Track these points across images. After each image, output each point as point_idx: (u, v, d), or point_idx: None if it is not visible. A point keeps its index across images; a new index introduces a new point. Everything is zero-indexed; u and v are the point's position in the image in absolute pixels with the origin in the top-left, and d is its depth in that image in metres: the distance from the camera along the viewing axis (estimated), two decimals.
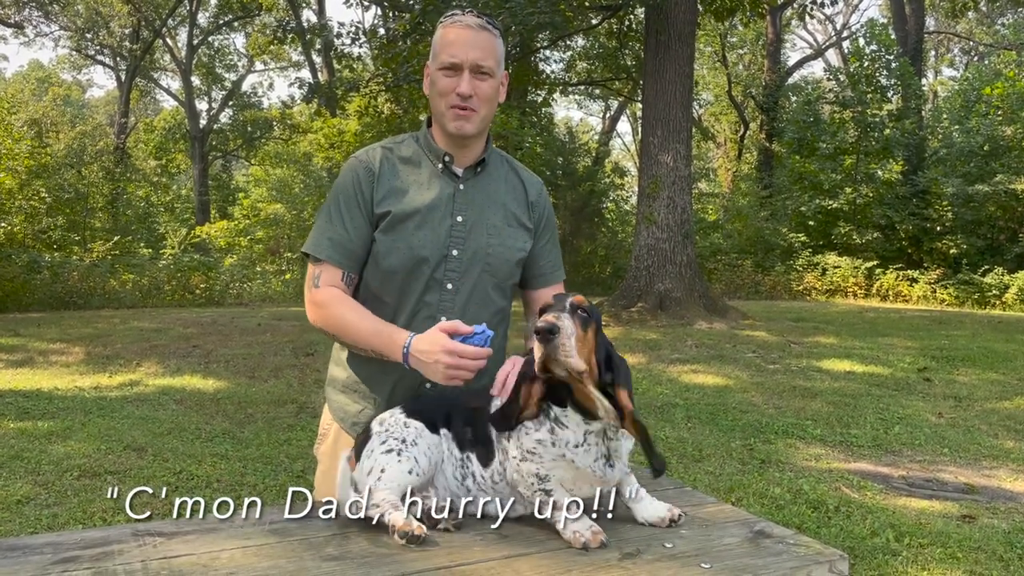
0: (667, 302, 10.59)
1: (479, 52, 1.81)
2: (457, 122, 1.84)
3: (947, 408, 5.94)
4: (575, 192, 20.52)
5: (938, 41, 36.07)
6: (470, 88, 1.81)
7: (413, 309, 1.87)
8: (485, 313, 1.90)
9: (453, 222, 1.87)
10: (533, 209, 2.00)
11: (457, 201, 1.89)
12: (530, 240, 1.98)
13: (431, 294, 1.87)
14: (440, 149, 1.90)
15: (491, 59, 1.82)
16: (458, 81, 1.81)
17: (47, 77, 36.05)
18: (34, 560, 1.41)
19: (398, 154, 1.93)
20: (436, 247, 1.85)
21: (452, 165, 1.90)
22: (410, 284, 1.87)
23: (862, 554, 3.13)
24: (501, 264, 1.91)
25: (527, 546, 1.48)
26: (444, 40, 1.83)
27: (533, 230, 1.99)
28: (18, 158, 15.56)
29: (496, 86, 1.87)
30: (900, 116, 18.60)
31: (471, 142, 1.90)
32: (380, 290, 1.90)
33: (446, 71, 1.83)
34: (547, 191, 2.08)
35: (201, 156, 28.88)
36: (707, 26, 22.84)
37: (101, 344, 8.66)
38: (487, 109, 1.87)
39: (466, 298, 1.89)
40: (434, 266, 1.86)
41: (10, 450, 4.55)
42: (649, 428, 1.47)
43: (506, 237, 1.92)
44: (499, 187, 1.96)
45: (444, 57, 1.82)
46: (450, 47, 1.81)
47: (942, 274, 16.40)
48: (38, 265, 14.08)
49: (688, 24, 10.97)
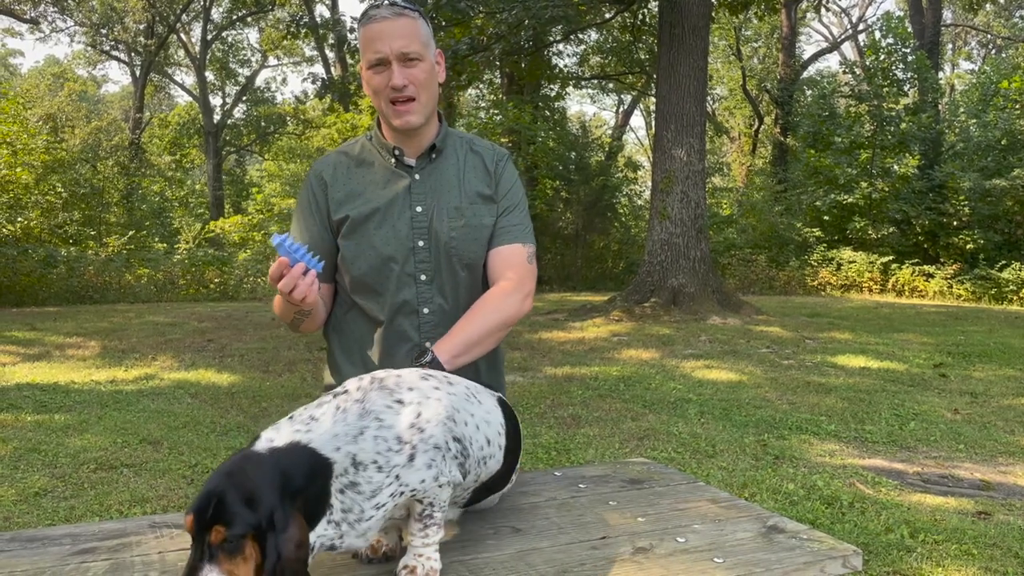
0: (680, 297, 10.56)
1: (401, 40, 1.77)
2: (400, 118, 1.81)
3: (963, 404, 5.90)
4: (588, 187, 20.47)
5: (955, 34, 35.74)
6: (402, 79, 1.78)
7: (392, 307, 1.87)
8: (457, 292, 1.90)
9: (413, 213, 1.86)
10: (493, 177, 1.95)
11: (414, 192, 1.88)
12: (495, 211, 1.93)
13: (407, 289, 1.87)
14: (389, 144, 1.89)
15: (415, 43, 1.78)
16: (389, 75, 1.78)
17: (63, 73, 36.27)
18: (53, 551, 1.43)
19: (351, 156, 1.94)
20: (400, 242, 1.85)
21: (404, 158, 1.89)
22: (383, 284, 1.87)
23: (876, 550, 3.12)
24: (469, 244, 1.88)
25: (540, 540, 1.49)
26: (366, 38, 1.80)
27: (495, 198, 1.94)
28: (34, 153, 15.68)
29: (429, 68, 1.82)
30: (917, 110, 18.45)
31: (420, 131, 1.87)
32: (359, 297, 1.91)
33: (375, 68, 1.80)
34: (512, 162, 2.01)
35: (215, 151, 29.03)
36: (721, 20, 22.74)
37: (117, 338, 8.73)
38: (426, 94, 1.83)
39: (443, 285, 1.88)
40: (403, 262, 1.85)
41: (27, 443, 4.59)
42: None
43: (470, 216, 1.89)
44: (457, 168, 1.93)
45: (369, 55, 1.79)
46: (372, 43, 1.78)
47: (958, 269, 16.27)
48: (54, 260, 14.19)
49: (702, 18, 10.91)
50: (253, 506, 1.12)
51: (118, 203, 22.12)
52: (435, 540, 1.32)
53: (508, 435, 1.52)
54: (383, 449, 1.24)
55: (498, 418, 1.49)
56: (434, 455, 1.28)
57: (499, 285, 1.89)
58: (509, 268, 1.90)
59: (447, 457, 1.30)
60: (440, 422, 1.31)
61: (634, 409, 5.66)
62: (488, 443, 1.43)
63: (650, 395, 6.10)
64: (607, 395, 6.12)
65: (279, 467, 1.16)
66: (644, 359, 7.67)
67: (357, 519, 1.23)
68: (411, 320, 1.88)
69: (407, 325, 1.88)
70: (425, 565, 1.30)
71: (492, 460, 1.44)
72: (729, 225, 20.80)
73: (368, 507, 1.23)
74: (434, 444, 1.29)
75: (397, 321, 1.87)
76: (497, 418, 1.49)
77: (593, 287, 18.59)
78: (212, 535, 1.10)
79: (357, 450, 1.23)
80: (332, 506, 1.21)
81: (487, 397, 1.51)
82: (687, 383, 6.56)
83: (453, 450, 1.32)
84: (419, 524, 1.31)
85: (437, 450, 1.29)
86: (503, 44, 12.52)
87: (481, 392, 1.50)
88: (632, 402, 5.88)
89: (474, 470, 1.39)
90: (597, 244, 21.11)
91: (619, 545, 1.46)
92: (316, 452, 1.20)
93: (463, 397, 1.41)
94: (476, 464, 1.40)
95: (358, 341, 1.95)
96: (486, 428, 1.43)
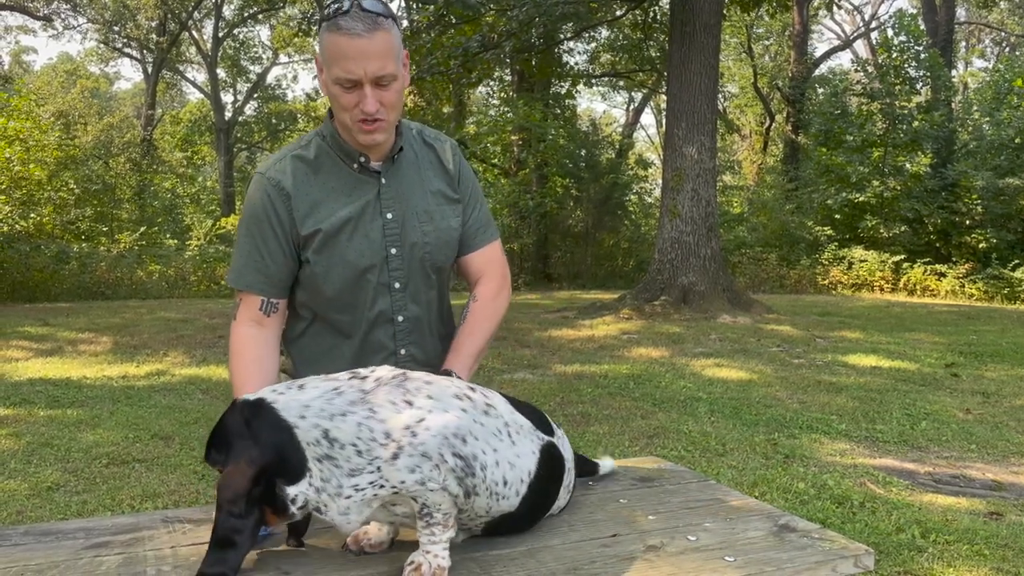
0: (690, 295, 10.54)
1: (378, 62, 1.60)
2: (369, 136, 1.69)
3: (975, 404, 5.87)
4: (598, 184, 20.43)
5: (969, 32, 35.50)
6: (375, 105, 1.63)
7: (368, 319, 1.81)
8: (428, 296, 1.86)
9: (384, 220, 1.77)
10: (454, 177, 1.89)
11: (383, 198, 1.77)
12: (460, 211, 1.88)
13: (382, 299, 1.80)
14: (354, 151, 1.76)
15: (391, 63, 1.63)
16: (359, 96, 1.63)
17: (75, 69, 36.47)
18: (67, 545, 1.44)
19: (307, 160, 1.77)
20: (375, 252, 1.76)
21: (368, 164, 1.77)
22: (359, 297, 1.78)
23: (887, 550, 3.11)
24: (440, 248, 1.84)
25: (551, 537, 1.49)
26: (335, 51, 1.61)
27: (460, 199, 1.89)
28: (47, 149, 15.76)
29: (400, 85, 1.70)
30: (929, 108, 18.33)
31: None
32: (331, 314, 1.81)
33: (344, 86, 1.64)
34: (459, 148, 1.95)
35: (226, 148, 29.13)
36: (733, 17, 22.65)
37: (128, 334, 8.78)
38: (395, 113, 1.71)
39: (416, 291, 1.84)
40: (378, 271, 1.78)
41: (40, 437, 4.62)
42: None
43: (439, 219, 1.83)
44: (418, 168, 1.84)
45: (338, 72, 1.62)
46: (344, 62, 1.60)
47: (971, 268, 16.16)
48: (66, 256, 14.28)
49: (714, 15, 10.87)
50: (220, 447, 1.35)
51: (130, 200, 22.24)
52: (442, 538, 1.32)
53: (536, 489, 1.45)
54: (366, 437, 1.28)
55: (527, 466, 1.43)
56: (420, 462, 1.28)
57: (486, 287, 1.90)
58: (489, 265, 1.93)
59: (441, 468, 1.29)
60: (440, 434, 1.29)
61: (644, 407, 5.65)
62: (504, 484, 1.39)
63: (660, 393, 6.09)
64: (617, 393, 6.11)
65: (232, 423, 1.34)
66: (654, 357, 7.66)
67: (336, 492, 1.29)
68: (386, 329, 1.82)
69: (382, 335, 1.82)
70: (432, 563, 1.30)
71: (504, 501, 1.40)
72: (740, 223, 20.72)
73: (347, 484, 1.29)
74: (423, 452, 1.28)
75: (373, 333, 1.80)
76: (526, 465, 1.43)
77: (603, 285, 18.57)
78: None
79: (331, 427, 1.29)
80: (311, 471, 1.29)
81: (527, 441, 1.45)
82: (697, 381, 6.54)
83: (451, 463, 1.30)
84: (421, 522, 1.32)
85: (425, 458, 1.28)
86: (514, 41, 12.51)
87: (522, 434, 1.45)
88: (642, 400, 5.87)
89: (484, 497, 1.36)
90: (607, 242, 21.07)
91: (630, 543, 1.46)
92: (275, 412, 1.31)
93: (491, 430, 1.38)
94: (487, 495, 1.36)
95: (326, 354, 1.85)
96: (507, 469, 1.39)
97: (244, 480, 1.27)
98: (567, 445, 1.64)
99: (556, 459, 1.53)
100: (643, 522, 1.58)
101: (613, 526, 1.55)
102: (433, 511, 1.31)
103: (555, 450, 1.53)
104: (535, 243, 20.02)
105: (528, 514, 1.47)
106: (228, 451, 1.32)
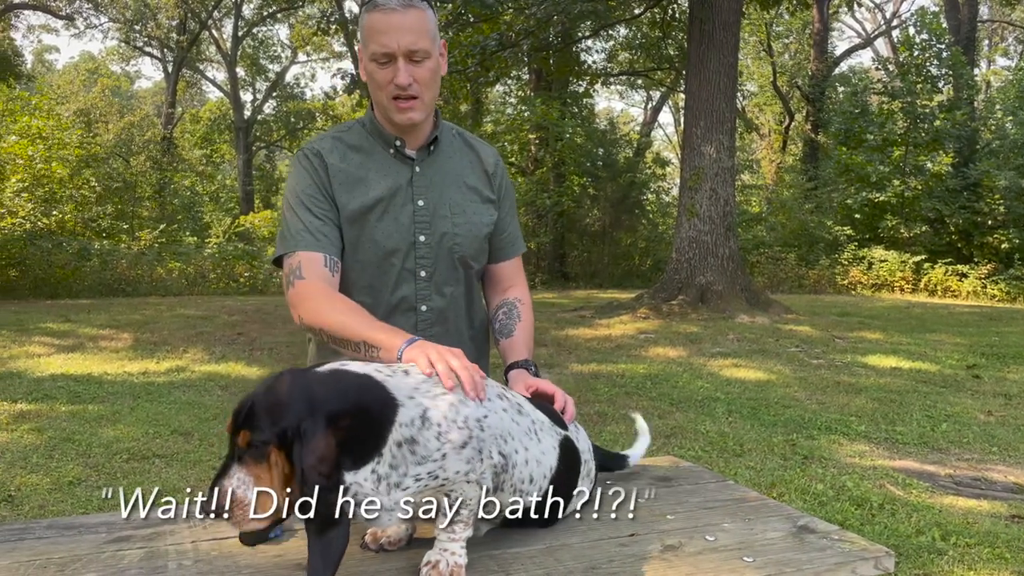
0: (708, 295, 10.49)
1: (411, 36, 1.68)
2: (403, 114, 1.74)
3: (997, 406, 5.81)
4: (615, 183, 20.38)
5: (992, 30, 35.09)
6: (408, 78, 1.69)
7: (390, 304, 1.81)
8: (454, 291, 1.87)
9: (415, 207, 1.79)
10: (492, 179, 1.92)
11: (415, 185, 1.80)
12: (495, 212, 1.91)
13: (406, 285, 1.81)
14: (390, 135, 1.80)
15: (424, 39, 1.69)
16: (394, 71, 1.69)
17: (97, 68, 36.81)
18: (89, 539, 1.46)
19: (347, 142, 1.82)
20: (402, 236, 1.78)
21: (404, 149, 1.81)
22: (382, 280, 1.79)
23: (907, 553, 3.08)
24: (470, 242, 1.85)
25: (569, 536, 1.49)
26: (371, 28, 1.70)
27: (496, 201, 1.92)
28: (68, 148, 15.93)
29: (434, 66, 1.74)
30: (951, 107, 18.15)
31: (420, 125, 1.81)
32: (353, 295, 1.77)
33: (379, 62, 1.70)
34: (503, 161, 2.00)
35: (245, 146, 29.31)
36: (752, 15, 22.52)
37: (149, 331, 8.85)
38: (430, 93, 1.75)
39: (441, 282, 1.84)
40: (404, 256, 1.79)
41: (62, 432, 4.67)
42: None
43: (471, 214, 1.85)
44: (455, 163, 1.87)
45: (374, 47, 1.69)
46: (379, 36, 1.68)
47: (993, 269, 15.99)
48: (88, 253, 14.43)
49: (733, 13, 10.81)
50: (277, 416, 1.17)
51: (150, 197, 22.44)
52: (462, 537, 1.32)
53: (557, 483, 1.48)
54: (451, 417, 1.27)
55: (550, 462, 1.46)
56: (476, 455, 1.29)
57: (522, 291, 1.99)
58: (519, 274, 2.01)
59: (485, 463, 1.30)
60: (496, 431, 1.33)
61: (661, 407, 5.63)
62: (530, 480, 1.41)
63: (677, 393, 6.07)
64: (633, 393, 6.10)
65: (322, 387, 1.21)
66: (671, 357, 7.63)
67: (397, 483, 1.23)
68: (408, 317, 1.82)
69: (403, 323, 1.79)
70: (449, 561, 1.30)
71: (527, 497, 1.42)
72: (758, 223, 20.61)
73: (410, 474, 1.24)
74: (481, 446, 1.30)
75: (393, 319, 1.77)
76: (548, 462, 1.46)
77: (620, 284, 18.53)
78: (240, 438, 1.18)
79: (431, 405, 1.26)
80: (382, 455, 1.22)
81: (549, 437, 1.48)
82: (715, 382, 6.52)
83: (495, 459, 1.32)
84: (447, 520, 1.31)
85: (480, 452, 1.30)
86: (532, 40, 12.49)
87: (545, 431, 1.48)
88: (659, 400, 5.86)
89: (508, 491, 1.38)
90: (624, 241, 21.02)
91: (648, 542, 1.46)
92: (385, 388, 1.24)
93: (524, 429, 1.41)
94: (512, 489, 1.38)
95: None
96: (535, 467, 1.42)
97: (333, 449, 1.17)
98: (583, 436, 1.66)
99: (572, 452, 1.56)
100: (661, 521, 1.57)
101: (631, 525, 1.54)
102: (463, 508, 1.31)
103: (570, 443, 1.56)
104: (552, 242, 20.00)
105: (550, 507, 1.49)
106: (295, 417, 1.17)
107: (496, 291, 1.98)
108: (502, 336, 1.90)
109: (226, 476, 1.18)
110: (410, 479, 1.24)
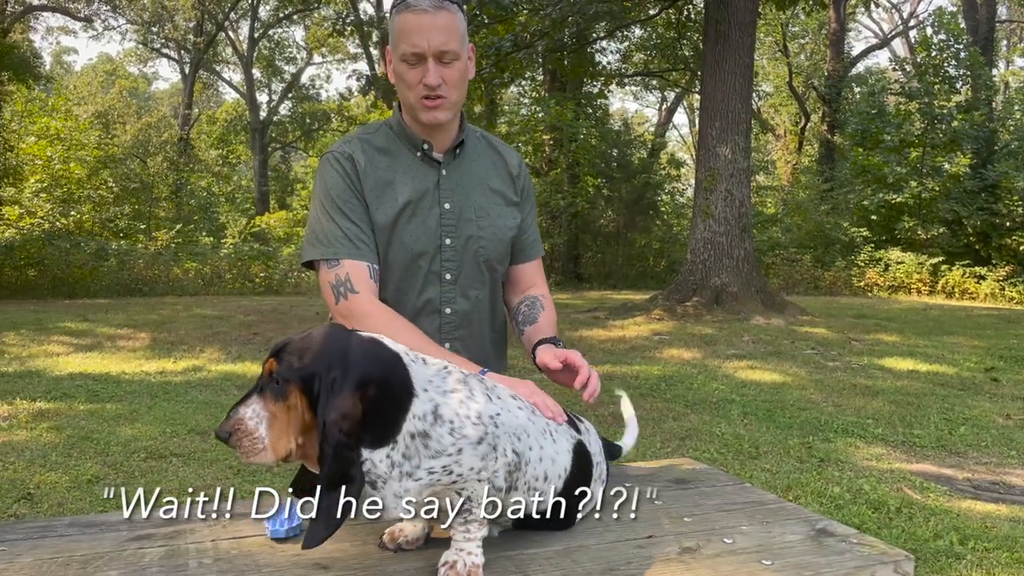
0: (723, 297, 10.45)
1: (441, 37, 1.69)
2: (430, 114, 1.74)
3: (1015, 409, 5.76)
4: (630, 184, 20.33)
5: (1010, 30, 34.78)
6: (437, 78, 1.70)
7: (415, 306, 1.81)
8: (479, 294, 1.88)
9: (442, 210, 1.80)
10: (516, 182, 1.93)
11: (442, 188, 1.81)
12: (519, 215, 1.92)
13: (431, 288, 1.81)
14: (418, 137, 1.81)
15: (454, 41, 1.70)
16: (423, 72, 1.70)
17: (114, 70, 37.11)
18: (110, 537, 1.47)
19: (375, 145, 1.83)
20: (429, 239, 1.78)
21: (431, 152, 1.82)
22: (408, 281, 1.80)
23: (925, 556, 3.06)
24: (495, 245, 1.86)
25: (586, 537, 1.49)
26: (402, 28, 1.71)
27: (519, 204, 1.93)
28: (86, 148, 16.07)
29: (463, 67, 1.76)
30: (969, 107, 18.00)
31: (447, 126, 1.81)
32: (381, 286, 1.79)
33: (409, 62, 1.71)
34: (526, 164, 2.01)
35: (261, 147, 29.48)
36: (768, 15, 22.42)
37: (166, 330, 8.92)
38: (458, 94, 1.76)
39: (466, 285, 1.85)
40: (430, 259, 1.79)
41: (80, 431, 4.72)
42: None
43: (495, 217, 1.86)
44: (480, 166, 1.89)
45: (404, 47, 1.70)
46: (409, 36, 1.69)
47: (1011, 271, 15.85)
48: (105, 253, 14.56)
49: (749, 13, 10.77)
50: (308, 358, 1.20)
51: (167, 198, 22.59)
52: (478, 536, 1.32)
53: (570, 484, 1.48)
54: (464, 414, 1.28)
55: (564, 463, 1.47)
56: (490, 451, 1.30)
57: (544, 290, 2.00)
58: (539, 275, 2.02)
59: (499, 461, 1.31)
60: (511, 429, 1.34)
61: (676, 409, 5.62)
62: (545, 479, 1.42)
63: (692, 395, 6.05)
64: (648, 394, 6.08)
65: (360, 348, 1.24)
66: (686, 359, 7.61)
67: (409, 472, 1.24)
68: (432, 320, 1.82)
69: (428, 325, 1.80)
70: (467, 561, 1.31)
71: (540, 496, 1.42)
72: (774, 224, 20.50)
73: (423, 466, 1.25)
74: (495, 443, 1.30)
75: (419, 322, 1.78)
76: (563, 463, 1.46)
77: (634, 285, 18.48)
78: (266, 365, 1.21)
79: (442, 402, 1.27)
80: (397, 442, 1.23)
81: (563, 439, 1.49)
82: (730, 383, 6.49)
83: (509, 457, 1.33)
84: (459, 518, 1.32)
85: (494, 449, 1.30)
86: (546, 41, 12.50)
87: (560, 432, 1.49)
88: (674, 402, 5.84)
89: (523, 489, 1.38)
90: (639, 242, 20.97)
91: (665, 544, 1.46)
92: (409, 375, 1.26)
93: (539, 428, 1.43)
94: (525, 488, 1.39)
95: None
96: (549, 465, 1.43)
97: (358, 411, 1.18)
98: (594, 438, 1.66)
99: (585, 455, 1.56)
100: (678, 524, 1.57)
101: (648, 527, 1.54)
102: (474, 505, 1.31)
103: (583, 447, 1.56)
104: (566, 243, 19.98)
105: (564, 509, 1.49)
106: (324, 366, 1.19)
107: (516, 291, 1.99)
108: (526, 325, 1.90)
109: (244, 404, 1.21)
110: (423, 471, 1.25)
